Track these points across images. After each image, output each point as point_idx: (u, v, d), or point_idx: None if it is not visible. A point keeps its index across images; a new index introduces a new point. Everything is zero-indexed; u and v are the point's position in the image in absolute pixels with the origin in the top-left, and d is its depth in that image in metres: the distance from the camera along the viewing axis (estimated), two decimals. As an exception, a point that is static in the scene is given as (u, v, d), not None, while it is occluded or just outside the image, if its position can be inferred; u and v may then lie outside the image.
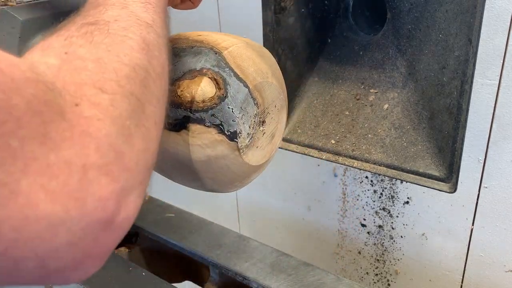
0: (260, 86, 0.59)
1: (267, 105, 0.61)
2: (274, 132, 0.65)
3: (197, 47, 0.58)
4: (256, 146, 0.62)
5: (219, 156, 0.57)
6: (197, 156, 0.56)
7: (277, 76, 0.64)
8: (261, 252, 0.87)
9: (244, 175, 0.63)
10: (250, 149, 0.61)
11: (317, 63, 1.16)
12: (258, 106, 0.59)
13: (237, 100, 0.56)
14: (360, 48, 1.09)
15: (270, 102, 0.62)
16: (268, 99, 0.61)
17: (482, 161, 0.88)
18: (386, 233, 1.09)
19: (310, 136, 1.11)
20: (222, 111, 0.55)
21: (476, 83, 0.82)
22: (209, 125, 0.55)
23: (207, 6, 1.18)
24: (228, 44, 0.58)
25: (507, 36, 0.77)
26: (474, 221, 0.94)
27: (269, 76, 0.61)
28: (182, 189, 0.75)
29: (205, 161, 0.57)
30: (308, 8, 1.09)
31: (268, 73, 0.61)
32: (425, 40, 0.93)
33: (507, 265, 0.93)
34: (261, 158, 0.64)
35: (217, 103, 0.55)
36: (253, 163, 0.62)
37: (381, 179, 1.05)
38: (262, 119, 0.61)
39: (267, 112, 0.62)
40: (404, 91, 1.01)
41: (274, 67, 0.64)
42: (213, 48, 0.57)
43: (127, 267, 0.86)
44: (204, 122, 0.55)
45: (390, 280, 1.14)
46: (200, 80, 0.55)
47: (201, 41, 0.59)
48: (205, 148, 0.56)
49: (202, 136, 0.55)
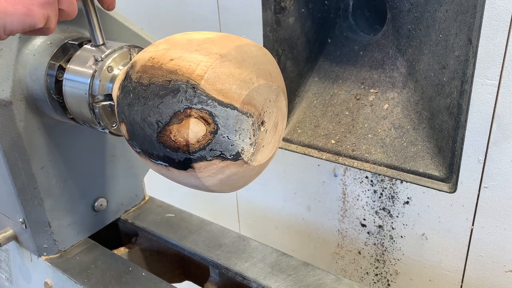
0: (247, 98, 0.58)
1: (261, 106, 0.61)
2: (276, 122, 0.64)
3: (174, 81, 0.56)
4: (262, 145, 0.62)
5: (230, 175, 0.60)
6: (210, 183, 0.60)
7: (264, 70, 0.61)
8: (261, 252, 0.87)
9: (258, 173, 0.65)
10: (258, 152, 0.62)
11: (317, 63, 1.16)
12: (252, 116, 0.59)
13: (229, 126, 0.56)
14: (360, 48, 1.09)
15: (263, 102, 0.61)
16: (260, 101, 0.60)
17: (482, 161, 0.87)
18: (386, 233, 1.09)
19: (310, 136, 1.11)
20: (219, 142, 0.56)
21: (476, 83, 0.82)
22: (211, 159, 0.57)
23: (207, 6, 1.18)
24: (203, 69, 0.55)
25: (507, 36, 0.77)
26: (474, 221, 0.94)
27: (254, 79, 0.59)
28: (182, 189, 0.75)
29: (218, 183, 0.60)
30: (308, 8, 1.09)
31: (252, 77, 0.58)
32: (425, 40, 0.93)
33: (507, 265, 0.93)
34: (270, 151, 0.65)
35: (211, 138, 0.56)
36: (264, 160, 0.64)
37: (381, 179, 1.05)
38: (260, 121, 0.61)
39: (263, 112, 0.61)
40: (404, 91, 1.01)
41: (259, 60, 0.61)
42: (189, 80, 0.55)
43: (127, 267, 0.86)
44: (205, 158, 0.56)
45: (390, 280, 1.14)
46: (188, 123, 0.55)
47: (175, 72, 0.56)
48: (215, 176, 0.59)
49: (208, 168, 0.57)
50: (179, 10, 1.24)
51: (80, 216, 0.92)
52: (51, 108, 0.77)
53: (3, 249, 1.01)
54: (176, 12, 1.25)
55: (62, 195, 0.88)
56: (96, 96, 0.70)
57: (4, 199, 0.87)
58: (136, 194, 1.02)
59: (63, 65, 0.75)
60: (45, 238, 0.88)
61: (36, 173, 0.82)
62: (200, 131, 0.55)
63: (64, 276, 0.86)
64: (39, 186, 0.83)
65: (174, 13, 1.25)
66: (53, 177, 0.85)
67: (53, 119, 0.81)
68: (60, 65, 0.75)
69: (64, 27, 0.80)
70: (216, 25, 1.18)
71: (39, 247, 0.89)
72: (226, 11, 1.14)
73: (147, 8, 1.31)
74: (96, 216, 0.95)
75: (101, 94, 0.70)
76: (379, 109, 1.03)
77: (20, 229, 0.89)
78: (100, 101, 0.70)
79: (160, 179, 0.71)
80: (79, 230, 0.93)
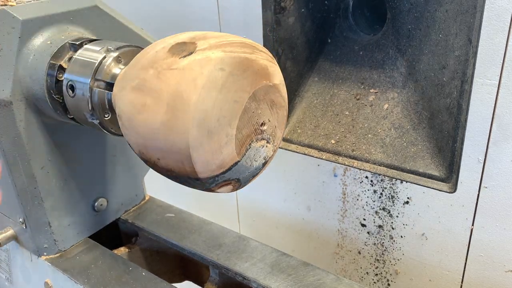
0: (239, 144, 0.57)
1: (252, 127, 0.59)
2: (270, 101, 0.63)
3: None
4: (274, 127, 0.63)
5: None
6: (221, 191, 0.62)
7: (228, 110, 0.56)
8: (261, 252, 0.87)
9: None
10: (273, 140, 0.63)
11: (317, 63, 1.16)
12: (251, 141, 0.59)
13: (240, 170, 0.58)
14: (360, 48, 1.09)
15: (250, 121, 0.59)
16: (249, 125, 0.59)
17: (482, 161, 0.87)
18: (386, 233, 1.09)
19: (310, 136, 1.11)
20: (237, 171, 0.59)
21: (476, 83, 0.82)
22: (227, 183, 0.59)
23: (207, 6, 1.18)
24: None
25: (507, 36, 0.77)
26: (474, 221, 0.94)
27: (231, 133, 0.57)
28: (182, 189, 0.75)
29: (230, 190, 0.63)
30: (308, 8, 1.09)
31: (228, 133, 0.56)
32: (425, 40, 0.93)
33: (507, 265, 0.93)
34: (281, 121, 0.65)
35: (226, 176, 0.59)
36: (281, 134, 0.65)
37: (381, 179, 1.04)
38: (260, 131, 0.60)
39: (256, 123, 0.60)
40: (404, 91, 1.01)
41: (220, 112, 0.56)
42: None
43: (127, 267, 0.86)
44: (220, 184, 0.59)
45: (390, 280, 1.14)
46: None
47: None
48: (227, 188, 0.61)
49: (223, 188, 0.60)
50: (179, 10, 1.24)
51: (80, 216, 0.92)
52: (51, 108, 0.77)
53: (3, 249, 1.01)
54: (176, 12, 1.25)
55: (62, 195, 0.88)
56: (98, 81, 0.69)
57: (4, 199, 0.87)
58: (136, 194, 1.02)
59: (63, 65, 0.75)
60: (45, 238, 0.88)
61: (36, 173, 0.82)
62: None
63: (64, 276, 0.86)
64: (39, 186, 0.83)
65: (174, 13, 1.25)
66: (53, 177, 0.85)
67: (53, 119, 0.81)
68: (60, 65, 0.75)
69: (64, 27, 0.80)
70: (216, 25, 1.18)
71: (39, 247, 0.89)
72: (226, 11, 1.14)
73: (147, 8, 1.31)
74: (96, 216, 0.95)
75: (104, 79, 0.69)
76: (379, 109, 1.03)
77: (20, 229, 0.89)
78: (101, 87, 0.69)
79: (161, 179, 0.71)
80: (79, 230, 0.93)
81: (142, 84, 0.58)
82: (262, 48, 0.61)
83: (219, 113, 0.55)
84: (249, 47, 0.58)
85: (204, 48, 0.56)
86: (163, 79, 0.56)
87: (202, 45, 0.56)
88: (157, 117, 0.55)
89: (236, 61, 0.56)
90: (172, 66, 0.56)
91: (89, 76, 0.70)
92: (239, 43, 0.58)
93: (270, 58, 0.61)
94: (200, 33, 0.60)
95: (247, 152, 0.59)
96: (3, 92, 0.76)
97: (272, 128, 0.62)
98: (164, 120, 0.54)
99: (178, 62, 0.56)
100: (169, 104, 0.55)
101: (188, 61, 0.55)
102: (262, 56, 0.59)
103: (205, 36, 0.58)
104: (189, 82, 0.54)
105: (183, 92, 0.54)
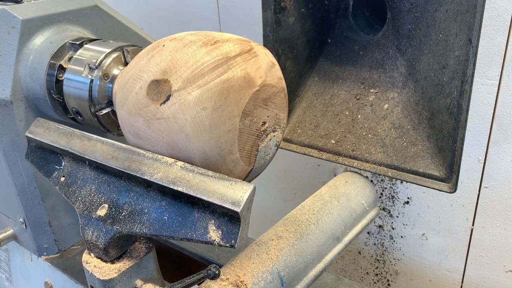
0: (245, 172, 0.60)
1: (253, 141, 0.60)
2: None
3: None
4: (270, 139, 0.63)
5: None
6: None
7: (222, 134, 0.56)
8: (261, 252, 0.87)
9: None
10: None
11: (317, 63, 1.16)
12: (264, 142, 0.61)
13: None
14: (360, 48, 1.09)
15: (250, 139, 0.59)
16: (251, 131, 0.59)
17: (482, 161, 0.87)
18: (386, 233, 1.09)
19: (310, 136, 1.11)
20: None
21: (476, 83, 0.82)
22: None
23: (207, 6, 1.18)
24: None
25: (507, 36, 0.77)
26: (474, 221, 0.94)
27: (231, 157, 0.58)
28: (182, 189, 0.74)
29: None
30: (308, 8, 1.09)
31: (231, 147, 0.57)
32: (425, 40, 0.93)
33: (507, 265, 0.93)
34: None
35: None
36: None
37: (381, 179, 1.04)
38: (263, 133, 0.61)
39: (261, 127, 0.60)
40: (404, 91, 1.01)
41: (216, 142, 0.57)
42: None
43: (127, 267, 0.86)
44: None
45: (390, 280, 1.14)
46: None
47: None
48: None
49: None
50: (179, 10, 1.24)
51: (80, 216, 0.92)
52: (51, 108, 0.77)
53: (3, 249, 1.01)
54: (176, 12, 1.25)
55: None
56: (97, 105, 0.70)
57: (4, 199, 0.87)
58: (136, 194, 1.02)
59: (63, 64, 0.75)
60: (45, 238, 0.88)
61: (36, 173, 0.82)
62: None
63: (64, 276, 0.86)
64: (39, 186, 0.83)
65: (174, 13, 1.25)
66: (53, 177, 0.85)
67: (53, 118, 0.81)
68: (60, 64, 0.75)
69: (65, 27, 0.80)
70: (216, 25, 1.18)
71: (39, 247, 0.89)
72: (226, 11, 1.14)
73: (147, 8, 1.31)
74: (96, 216, 0.95)
75: (103, 101, 0.70)
76: (379, 109, 1.03)
77: (20, 229, 0.89)
78: (102, 108, 0.70)
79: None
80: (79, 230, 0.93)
81: (137, 133, 0.58)
82: (232, 46, 0.57)
83: (217, 149, 0.56)
84: (222, 62, 0.55)
85: (179, 89, 0.54)
86: (153, 129, 0.56)
87: (176, 84, 0.54)
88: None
89: (214, 93, 0.54)
90: (156, 115, 0.55)
91: (86, 97, 0.72)
92: (211, 64, 0.55)
93: (245, 50, 0.57)
94: (169, 59, 0.56)
95: (257, 157, 0.60)
96: (3, 92, 0.76)
97: (274, 118, 0.61)
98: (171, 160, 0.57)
99: (160, 110, 0.55)
100: (169, 152, 0.56)
101: (170, 110, 0.54)
102: (237, 62, 0.56)
103: (175, 65, 0.55)
104: (178, 132, 0.55)
105: (177, 142, 0.55)
